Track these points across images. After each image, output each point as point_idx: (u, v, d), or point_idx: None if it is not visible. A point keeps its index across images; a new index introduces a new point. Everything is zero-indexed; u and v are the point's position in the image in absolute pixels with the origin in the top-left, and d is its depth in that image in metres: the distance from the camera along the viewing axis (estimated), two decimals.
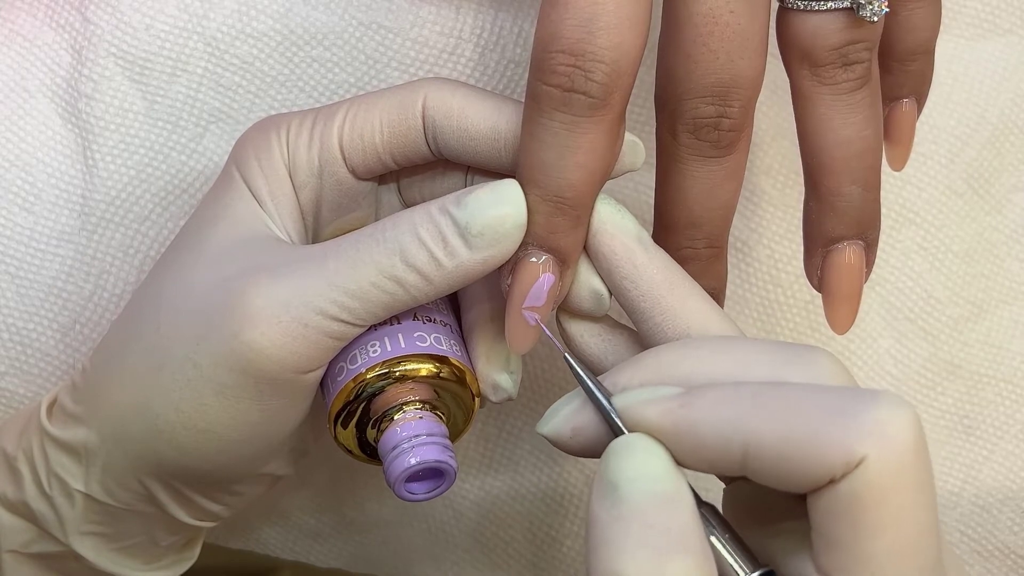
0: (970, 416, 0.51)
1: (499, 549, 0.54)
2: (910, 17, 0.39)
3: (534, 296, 0.36)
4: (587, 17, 0.33)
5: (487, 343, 0.40)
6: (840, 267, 0.39)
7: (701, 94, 0.35)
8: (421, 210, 0.36)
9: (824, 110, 0.37)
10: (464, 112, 0.37)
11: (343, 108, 0.39)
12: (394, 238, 0.36)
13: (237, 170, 0.39)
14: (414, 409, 0.38)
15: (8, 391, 0.47)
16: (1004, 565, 0.52)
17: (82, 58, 0.46)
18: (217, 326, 0.36)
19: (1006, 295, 0.51)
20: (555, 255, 0.36)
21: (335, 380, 0.38)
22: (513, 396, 0.40)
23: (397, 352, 0.38)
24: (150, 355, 0.37)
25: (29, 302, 0.46)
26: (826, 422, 0.29)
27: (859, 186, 0.38)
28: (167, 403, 0.37)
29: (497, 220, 0.35)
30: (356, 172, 0.39)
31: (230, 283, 0.36)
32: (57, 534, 0.41)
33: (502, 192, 0.35)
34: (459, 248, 0.35)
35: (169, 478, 0.39)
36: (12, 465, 0.41)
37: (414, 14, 0.46)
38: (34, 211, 0.46)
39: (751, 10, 0.35)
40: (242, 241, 0.38)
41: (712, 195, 0.37)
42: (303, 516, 0.54)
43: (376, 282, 0.35)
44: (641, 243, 0.36)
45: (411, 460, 0.37)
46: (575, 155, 0.34)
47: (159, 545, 0.42)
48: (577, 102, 0.34)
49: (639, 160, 0.38)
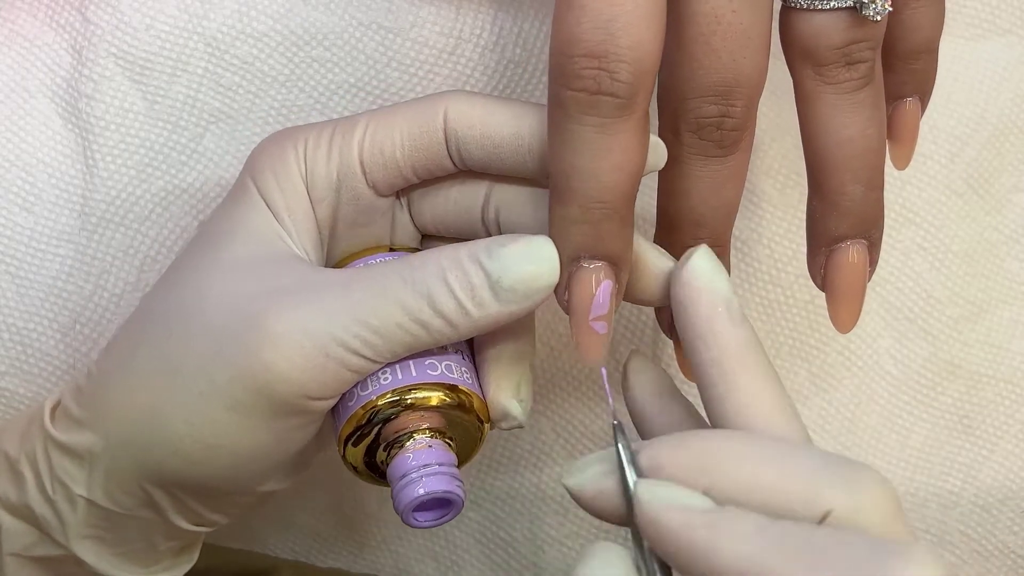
0: (970, 416, 0.51)
1: (499, 549, 0.54)
2: (913, 16, 0.39)
3: (599, 305, 0.36)
4: (607, 18, 0.33)
5: (499, 371, 0.40)
6: (843, 266, 0.39)
7: (704, 93, 0.35)
8: (449, 254, 0.36)
9: (827, 109, 0.37)
10: (486, 121, 0.37)
11: (362, 122, 0.39)
12: (422, 280, 0.35)
13: (253, 183, 0.39)
14: (424, 437, 0.38)
15: (8, 391, 0.47)
16: (1004, 565, 0.52)
17: (82, 58, 0.46)
18: (235, 343, 0.36)
19: (1006, 295, 0.51)
20: (608, 260, 0.36)
21: (346, 405, 0.38)
22: (523, 424, 0.40)
23: (408, 381, 0.38)
24: (161, 364, 0.37)
25: (29, 302, 0.46)
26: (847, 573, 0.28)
27: (862, 185, 0.38)
28: (177, 415, 0.37)
29: (531, 277, 0.35)
30: (376, 187, 0.39)
31: (250, 302, 0.36)
32: (59, 538, 0.41)
33: (537, 250, 0.35)
34: (488, 300, 0.35)
35: (172, 487, 0.39)
36: (15, 468, 0.41)
37: (414, 14, 0.46)
38: (34, 211, 0.46)
39: (754, 9, 0.35)
40: (260, 257, 0.38)
41: (715, 194, 0.37)
42: (303, 516, 0.54)
43: (401, 323, 0.35)
44: (728, 309, 0.35)
45: (419, 491, 0.37)
46: (610, 157, 0.34)
47: (158, 549, 0.42)
48: (605, 104, 0.33)
49: (661, 160, 0.37)
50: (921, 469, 0.51)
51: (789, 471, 0.31)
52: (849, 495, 0.30)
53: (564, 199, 0.35)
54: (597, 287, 0.36)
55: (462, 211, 0.40)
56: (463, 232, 0.40)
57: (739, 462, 0.31)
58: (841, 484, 0.30)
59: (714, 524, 0.30)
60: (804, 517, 0.30)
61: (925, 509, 0.52)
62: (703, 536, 0.30)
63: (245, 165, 0.40)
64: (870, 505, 0.30)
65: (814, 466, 0.31)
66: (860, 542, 0.29)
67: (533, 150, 0.37)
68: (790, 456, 0.32)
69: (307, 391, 0.36)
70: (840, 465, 0.31)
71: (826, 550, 0.29)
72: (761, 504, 0.31)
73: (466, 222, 0.40)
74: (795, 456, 0.32)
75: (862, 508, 0.30)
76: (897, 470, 0.51)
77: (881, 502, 0.31)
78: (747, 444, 0.32)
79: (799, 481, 0.31)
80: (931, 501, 0.51)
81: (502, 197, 0.39)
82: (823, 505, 0.30)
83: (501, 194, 0.39)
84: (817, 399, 0.51)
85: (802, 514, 0.30)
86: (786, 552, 0.29)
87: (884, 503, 0.31)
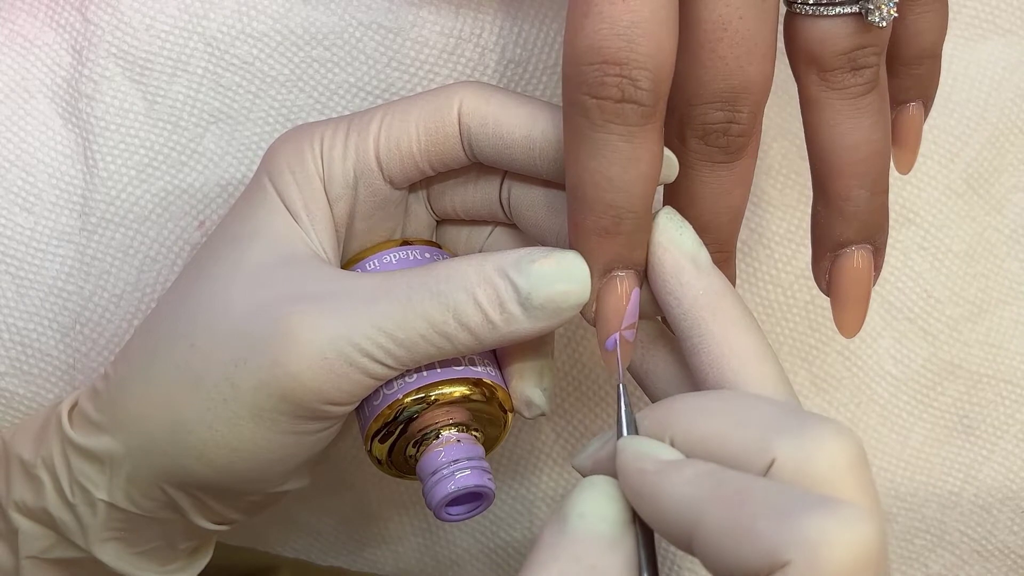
0: (970, 416, 0.51)
1: (499, 549, 0.54)
2: (917, 21, 0.39)
3: (630, 315, 0.36)
4: (625, 25, 0.33)
5: (520, 360, 0.40)
6: (848, 271, 0.39)
7: (710, 100, 0.35)
8: (475, 267, 0.36)
9: (832, 115, 0.37)
10: (499, 119, 0.37)
11: (377, 117, 0.39)
12: (449, 293, 0.35)
13: (270, 182, 0.39)
14: (451, 432, 0.39)
15: (8, 391, 0.47)
16: (1004, 565, 0.52)
17: (82, 58, 0.46)
18: (259, 351, 0.36)
19: (1006, 295, 0.51)
20: (636, 268, 0.36)
21: (371, 404, 0.39)
22: (546, 412, 0.40)
23: (433, 379, 0.38)
24: (184, 371, 0.37)
25: (29, 302, 0.46)
26: (764, 519, 0.28)
27: (867, 190, 0.38)
28: (200, 421, 0.37)
29: (561, 296, 0.35)
30: (393, 181, 0.39)
31: (273, 308, 0.36)
32: (78, 541, 0.41)
33: (569, 268, 0.35)
34: (517, 315, 0.35)
35: (194, 490, 0.39)
36: (30, 472, 0.41)
37: (414, 14, 0.46)
38: (34, 211, 0.46)
39: (760, 16, 0.35)
40: (282, 261, 0.38)
41: (721, 200, 0.37)
42: (303, 514, 0.54)
43: (426, 335, 0.36)
44: (694, 262, 0.36)
45: (451, 487, 0.38)
46: (639, 166, 0.34)
47: (176, 548, 0.42)
48: (631, 112, 0.33)
49: (673, 173, 0.37)
50: (921, 469, 0.51)
51: (741, 421, 0.31)
52: (796, 446, 0.30)
53: (595, 210, 0.35)
54: (627, 296, 0.36)
55: (481, 196, 0.40)
56: (482, 215, 0.41)
57: (694, 415, 0.32)
58: (789, 434, 0.30)
59: (662, 471, 0.31)
60: (752, 466, 0.30)
61: (925, 509, 0.52)
62: (651, 482, 0.31)
63: (261, 164, 0.40)
64: (818, 456, 0.30)
65: (767, 416, 0.31)
66: (791, 493, 0.29)
67: (545, 153, 0.37)
68: (745, 407, 0.32)
69: (330, 398, 0.36)
70: (795, 415, 0.31)
71: (754, 497, 0.29)
72: (714, 453, 0.31)
73: (484, 205, 0.40)
74: (750, 407, 0.32)
75: (809, 458, 0.30)
76: (897, 470, 0.51)
77: (833, 454, 0.30)
78: (706, 398, 0.33)
79: (750, 431, 0.31)
80: (931, 501, 0.52)
81: (516, 192, 0.39)
82: (770, 454, 0.30)
83: (515, 188, 0.39)
84: (817, 399, 0.51)
85: (749, 463, 0.30)
86: (718, 498, 0.29)
87: (837, 455, 0.30)
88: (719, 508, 0.29)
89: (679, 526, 0.30)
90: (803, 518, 0.28)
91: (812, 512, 0.28)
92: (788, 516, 0.28)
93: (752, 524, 0.28)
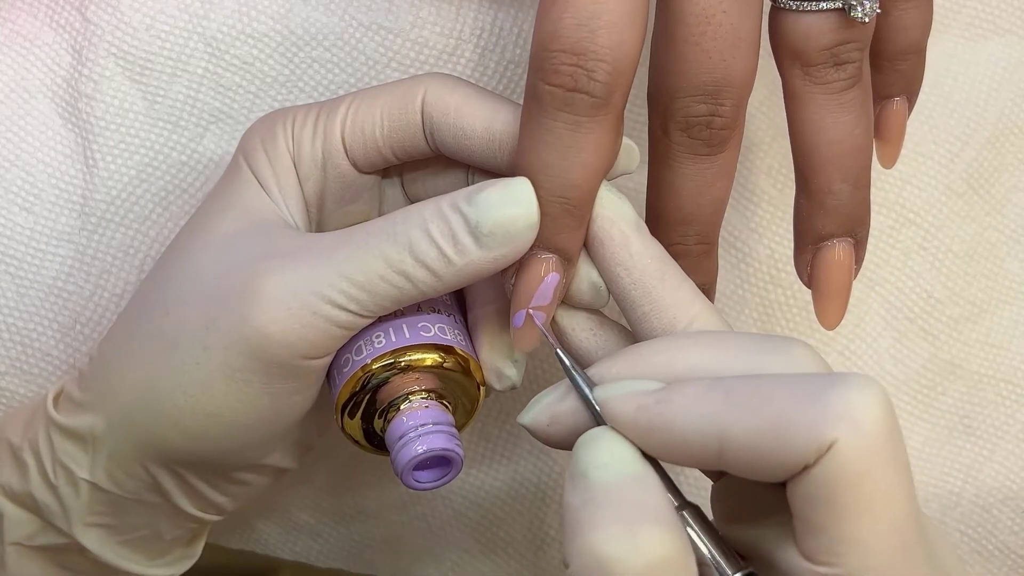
0: (970, 416, 0.51)
1: (499, 549, 0.54)
2: (901, 17, 0.39)
3: (540, 296, 0.36)
4: (588, 15, 0.33)
5: (491, 332, 0.40)
6: (830, 264, 0.39)
7: (693, 93, 0.36)
8: (431, 205, 0.36)
9: (815, 109, 0.37)
10: (461, 111, 0.38)
11: (346, 101, 0.39)
12: (404, 232, 0.36)
13: (245, 160, 0.40)
14: (420, 399, 0.38)
15: (8, 391, 0.47)
16: (1004, 565, 0.52)
17: (82, 58, 0.46)
18: (227, 310, 0.36)
19: (1006, 295, 0.51)
20: (560, 254, 0.36)
21: (341, 371, 0.38)
22: (517, 384, 0.40)
23: (402, 343, 0.38)
24: (159, 339, 0.38)
25: (29, 302, 0.47)
26: (796, 410, 0.29)
27: (849, 184, 0.38)
28: (175, 386, 0.37)
29: (508, 220, 0.35)
30: (358, 165, 0.39)
31: (241, 267, 0.37)
32: (62, 525, 0.41)
33: (513, 192, 0.35)
34: (469, 246, 0.35)
35: (175, 465, 0.39)
36: (17, 456, 0.41)
37: (414, 15, 0.46)
38: (34, 211, 0.46)
39: (743, 10, 0.35)
40: (251, 226, 0.38)
41: (703, 192, 0.37)
42: (303, 515, 0.54)
43: (385, 276, 0.36)
44: (638, 231, 0.37)
45: (418, 448, 0.37)
46: (579, 155, 0.35)
47: (164, 539, 0.42)
48: (580, 102, 0.34)
49: (633, 164, 0.38)
50: (921, 469, 0.51)
51: (720, 351, 0.32)
52: (782, 359, 0.32)
53: None
54: (545, 277, 0.36)
55: (449, 186, 0.40)
56: None
57: (672, 351, 0.33)
58: (772, 353, 0.32)
59: (664, 398, 0.31)
60: None
61: (925, 509, 0.51)
62: (657, 412, 0.31)
63: (238, 145, 0.40)
64: (803, 364, 0.32)
65: (744, 341, 0.33)
66: (801, 381, 0.30)
67: (505, 146, 0.37)
68: (718, 339, 0.33)
69: (298, 351, 0.36)
70: (767, 339, 0.33)
71: (772, 391, 0.30)
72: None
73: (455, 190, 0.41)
74: (722, 338, 0.33)
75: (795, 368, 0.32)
76: None
77: (811, 360, 0.32)
78: (677, 339, 0.34)
79: (736, 357, 0.32)
80: (931, 501, 0.51)
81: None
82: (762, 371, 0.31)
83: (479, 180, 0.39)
84: None
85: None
86: (736, 405, 0.30)
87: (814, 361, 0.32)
88: (742, 414, 0.30)
89: (703, 446, 0.30)
90: (831, 396, 0.29)
91: (833, 389, 0.29)
92: (816, 400, 0.29)
93: (785, 418, 0.29)
